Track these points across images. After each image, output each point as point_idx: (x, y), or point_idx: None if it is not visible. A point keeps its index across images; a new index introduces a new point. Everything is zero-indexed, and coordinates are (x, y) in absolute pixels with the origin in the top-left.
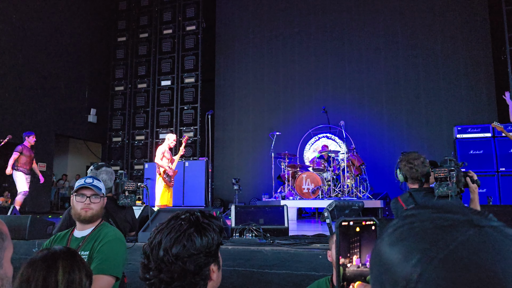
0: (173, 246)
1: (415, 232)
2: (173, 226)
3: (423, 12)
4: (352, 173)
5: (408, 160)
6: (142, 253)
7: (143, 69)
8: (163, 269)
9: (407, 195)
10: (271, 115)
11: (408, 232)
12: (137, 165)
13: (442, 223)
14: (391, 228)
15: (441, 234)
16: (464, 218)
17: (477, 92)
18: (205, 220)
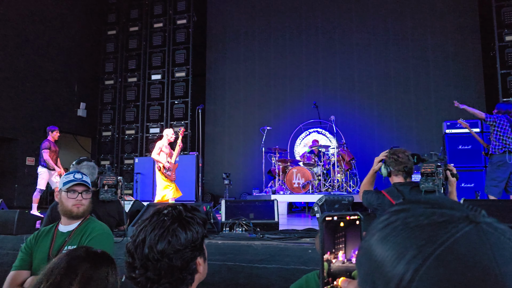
0: (158, 243)
1: (409, 228)
2: (156, 222)
3: (413, 8)
4: (342, 168)
5: (394, 152)
6: (126, 252)
7: (133, 63)
8: (149, 267)
9: (393, 188)
10: (262, 109)
11: (402, 228)
12: (127, 160)
13: (438, 218)
14: (381, 223)
15: (437, 230)
16: (460, 214)
17: (466, 87)
18: (188, 213)
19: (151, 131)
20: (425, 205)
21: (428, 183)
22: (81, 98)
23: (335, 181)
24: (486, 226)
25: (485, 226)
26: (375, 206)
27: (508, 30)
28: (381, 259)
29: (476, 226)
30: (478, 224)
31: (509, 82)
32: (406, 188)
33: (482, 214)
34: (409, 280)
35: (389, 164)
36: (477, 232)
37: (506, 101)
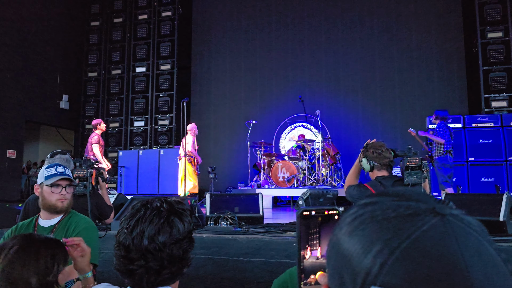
0: (160, 234)
1: (376, 221)
2: (153, 214)
3: (398, 5)
4: (327, 162)
5: (374, 147)
6: (118, 245)
7: (117, 55)
8: (148, 258)
9: (376, 182)
10: (247, 103)
11: (369, 221)
12: (111, 153)
13: (404, 211)
14: (350, 217)
15: (404, 223)
16: (426, 206)
17: (449, 83)
18: (179, 205)
19: (135, 124)
20: (393, 198)
21: (412, 176)
22: (63, 90)
23: (320, 175)
24: (452, 218)
25: (452, 218)
26: (356, 199)
27: (491, 27)
28: (349, 253)
29: (442, 219)
30: (445, 217)
31: (491, 78)
32: (389, 181)
33: (449, 206)
34: (376, 274)
35: (371, 159)
36: (443, 225)
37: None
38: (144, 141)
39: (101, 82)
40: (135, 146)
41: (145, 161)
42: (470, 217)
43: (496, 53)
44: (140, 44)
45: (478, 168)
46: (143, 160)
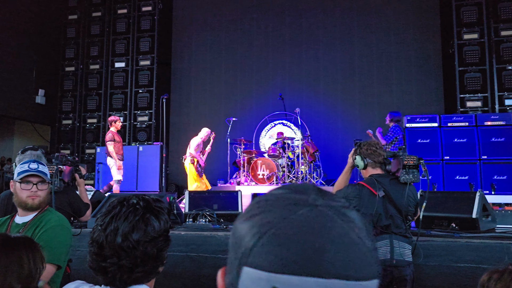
0: (133, 232)
1: (263, 210)
2: (128, 211)
3: (378, 5)
4: (306, 160)
5: (369, 144)
6: (92, 242)
7: (95, 49)
8: (122, 255)
9: (372, 179)
10: (227, 100)
11: (261, 210)
12: (88, 149)
13: (285, 202)
14: (250, 206)
15: (279, 212)
16: (304, 198)
17: (426, 83)
18: (157, 203)
19: None
20: (288, 191)
21: (409, 175)
22: (39, 84)
23: (299, 173)
24: (324, 208)
25: (323, 208)
26: (351, 198)
27: (467, 28)
28: (239, 235)
29: (314, 208)
30: (316, 207)
31: (466, 79)
32: (386, 179)
33: (333, 199)
34: (247, 255)
35: (366, 156)
36: (311, 214)
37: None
38: (122, 137)
39: (79, 77)
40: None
41: (124, 158)
42: (346, 210)
43: (471, 54)
44: (119, 39)
45: (452, 167)
46: None
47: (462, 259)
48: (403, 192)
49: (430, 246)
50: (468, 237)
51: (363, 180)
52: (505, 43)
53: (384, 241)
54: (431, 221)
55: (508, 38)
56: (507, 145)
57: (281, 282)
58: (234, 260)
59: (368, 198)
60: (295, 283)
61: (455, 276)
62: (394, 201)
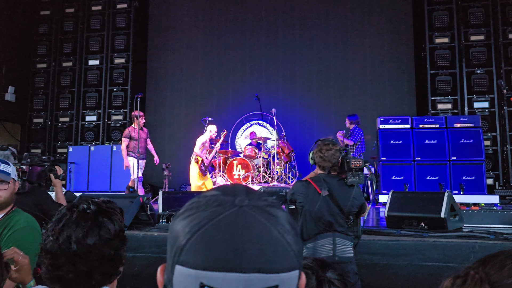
0: (88, 237)
1: (195, 211)
2: (79, 217)
3: (353, 9)
4: (282, 160)
5: (320, 149)
6: (45, 254)
7: (68, 46)
8: (77, 261)
9: (319, 178)
10: (204, 100)
11: (194, 210)
12: (60, 148)
13: (214, 203)
14: (186, 205)
15: (208, 213)
16: (230, 199)
17: (399, 85)
18: (108, 205)
19: (87, 119)
20: (215, 192)
21: (355, 177)
22: (9, 81)
23: (275, 173)
24: (249, 208)
25: (248, 209)
26: (298, 194)
27: (438, 32)
28: (175, 234)
29: (239, 209)
30: (242, 207)
31: (437, 82)
32: (333, 179)
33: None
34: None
35: (314, 158)
36: (236, 214)
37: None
38: (96, 136)
39: (51, 75)
40: (87, 142)
41: (97, 157)
42: (271, 208)
43: (442, 58)
44: (93, 36)
45: (424, 167)
46: (94, 156)
47: (430, 258)
48: (348, 193)
49: (399, 245)
50: (436, 236)
51: (311, 178)
52: (474, 47)
53: (327, 239)
54: (401, 221)
55: (477, 42)
56: (476, 147)
57: (207, 278)
58: (170, 258)
59: (312, 196)
60: (219, 278)
61: (423, 275)
62: (337, 201)
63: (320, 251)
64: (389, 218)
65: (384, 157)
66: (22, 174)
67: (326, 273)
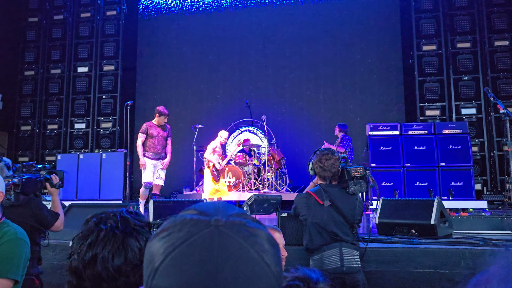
0: (114, 259)
1: (171, 231)
2: (106, 237)
3: (342, 16)
4: (273, 167)
5: (320, 159)
6: (70, 272)
7: (57, 53)
8: (103, 286)
9: (320, 189)
10: (194, 107)
11: (168, 230)
12: (48, 156)
13: (189, 223)
14: (164, 224)
15: (182, 234)
16: (205, 219)
17: (388, 92)
18: (137, 221)
19: (76, 127)
20: (191, 211)
21: (357, 185)
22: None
23: (266, 180)
24: (226, 228)
25: (224, 229)
26: (300, 208)
27: (426, 40)
28: (150, 255)
29: (214, 230)
30: (218, 228)
31: (426, 88)
32: (334, 189)
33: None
34: (152, 277)
35: (315, 168)
36: (212, 235)
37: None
38: (85, 144)
39: (39, 82)
40: (75, 149)
41: (86, 165)
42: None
43: (430, 65)
44: (82, 43)
45: (413, 173)
46: (83, 164)
47: (421, 264)
48: (351, 201)
49: (391, 252)
50: (426, 242)
51: (312, 190)
52: (461, 54)
53: (334, 250)
54: (392, 228)
55: (463, 50)
56: (464, 153)
57: None
58: (144, 281)
59: (315, 207)
60: None
61: (415, 282)
62: (341, 210)
63: (327, 263)
64: (380, 225)
65: (374, 164)
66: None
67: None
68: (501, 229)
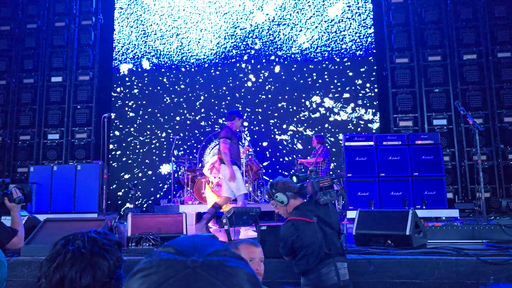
0: (81, 279)
1: (148, 272)
2: (73, 258)
3: (319, 32)
4: (251, 178)
5: (283, 183)
6: None
7: (30, 62)
8: None
9: (300, 210)
10: (171, 118)
11: (145, 271)
12: (20, 168)
13: (165, 264)
14: (140, 264)
15: (158, 277)
16: (182, 260)
17: (363, 104)
18: (105, 240)
19: (49, 137)
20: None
21: (326, 195)
22: None
23: None
24: (203, 270)
25: (201, 270)
26: (289, 238)
27: (398, 53)
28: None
29: (191, 271)
30: (194, 269)
31: (399, 100)
32: (310, 205)
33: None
34: None
35: (286, 190)
36: (187, 278)
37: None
38: (59, 155)
39: (11, 91)
40: (49, 161)
41: (60, 177)
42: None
43: (402, 77)
44: (56, 52)
45: (388, 183)
46: (57, 176)
47: (398, 274)
48: (331, 211)
49: (368, 263)
50: (402, 253)
51: (292, 215)
52: (432, 67)
53: (329, 266)
54: (369, 239)
55: (434, 62)
56: (436, 163)
57: None
58: None
59: (304, 229)
60: None
61: None
62: (327, 222)
63: (324, 280)
64: (357, 236)
65: (350, 174)
66: None
67: None
68: (472, 238)
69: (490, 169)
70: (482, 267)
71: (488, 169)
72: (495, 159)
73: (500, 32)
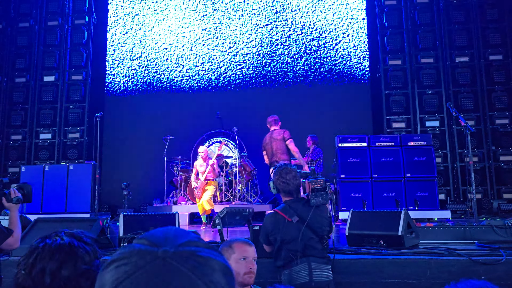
0: (62, 268)
1: (121, 263)
2: (53, 247)
3: (312, 33)
4: (244, 178)
5: (281, 174)
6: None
7: (22, 61)
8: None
9: (286, 206)
10: (164, 118)
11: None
12: (11, 168)
13: (137, 255)
14: (114, 255)
15: (129, 267)
16: (153, 250)
17: (356, 105)
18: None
19: (41, 137)
20: (142, 241)
21: (318, 198)
22: None
23: (237, 191)
24: (173, 260)
25: (172, 260)
26: (270, 229)
27: (391, 55)
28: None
29: (161, 261)
30: (164, 260)
31: (392, 102)
32: (299, 204)
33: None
34: None
35: (277, 185)
36: (158, 267)
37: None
38: (50, 155)
39: (2, 90)
40: (41, 161)
41: (52, 177)
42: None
43: (396, 79)
44: (49, 52)
45: (381, 184)
46: (49, 176)
47: (390, 274)
48: (317, 214)
49: (360, 263)
50: (394, 253)
51: (278, 208)
52: (424, 69)
53: (302, 265)
54: (362, 239)
55: (427, 65)
56: (428, 164)
57: None
58: None
59: (283, 225)
60: None
61: None
62: (309, 224)
63: (296, 277)
64: (349, 237)
65: (343, 175)
66: None
67: None
68: (463, 239)
69: (481, 170)
70: (473, 267)
71: (480, 170)
72: (487, 161)
73: (492, 35)
